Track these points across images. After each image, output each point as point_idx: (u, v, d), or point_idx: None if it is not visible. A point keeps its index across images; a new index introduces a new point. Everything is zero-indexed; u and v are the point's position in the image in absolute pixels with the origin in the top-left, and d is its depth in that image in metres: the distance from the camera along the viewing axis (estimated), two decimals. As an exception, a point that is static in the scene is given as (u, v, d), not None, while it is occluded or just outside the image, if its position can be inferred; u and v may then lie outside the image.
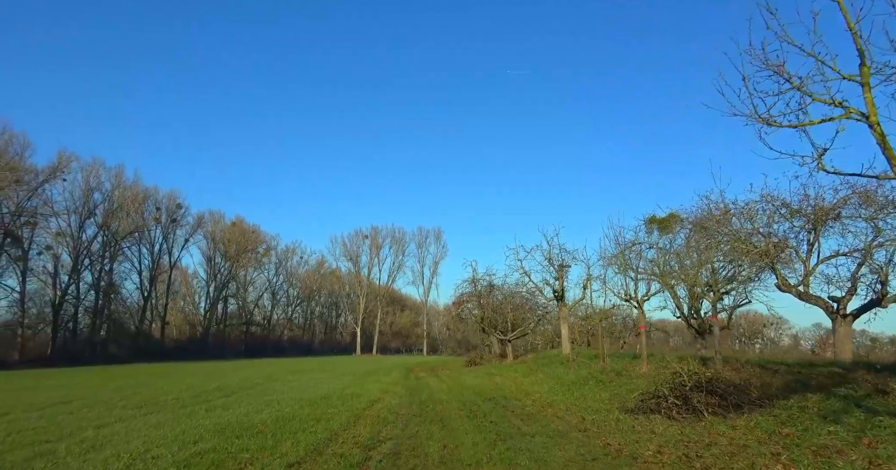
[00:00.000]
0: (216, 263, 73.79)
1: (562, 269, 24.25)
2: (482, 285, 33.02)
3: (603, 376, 15.18)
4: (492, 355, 33.05)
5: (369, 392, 16.53)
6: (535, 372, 20.46)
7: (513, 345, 29.61)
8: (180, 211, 68.55)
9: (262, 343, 79.05)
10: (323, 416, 10.64)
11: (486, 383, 18.61)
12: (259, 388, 20.15)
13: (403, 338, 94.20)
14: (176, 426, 9.51)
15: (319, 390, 17.84)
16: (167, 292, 69.84)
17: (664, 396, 8.72)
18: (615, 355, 21.09)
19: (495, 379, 20.07)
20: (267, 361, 51.22)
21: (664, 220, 21.50)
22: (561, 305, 24.61)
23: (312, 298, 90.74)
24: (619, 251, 21.29)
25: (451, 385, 18.83)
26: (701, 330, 20.32)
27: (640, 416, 8.73)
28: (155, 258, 67.25)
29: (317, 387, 19.80)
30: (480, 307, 32.00)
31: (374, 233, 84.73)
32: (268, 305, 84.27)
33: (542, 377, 18.57)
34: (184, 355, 63.45)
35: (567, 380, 16.16)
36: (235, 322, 78.95)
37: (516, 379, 19.20)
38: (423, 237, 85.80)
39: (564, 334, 24.24)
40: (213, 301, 73.26)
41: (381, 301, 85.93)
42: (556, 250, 24.24)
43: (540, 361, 23.73)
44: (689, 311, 21.09)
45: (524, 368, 22.58)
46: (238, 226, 73.12)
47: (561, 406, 11.12)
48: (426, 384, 19.94)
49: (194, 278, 79.94)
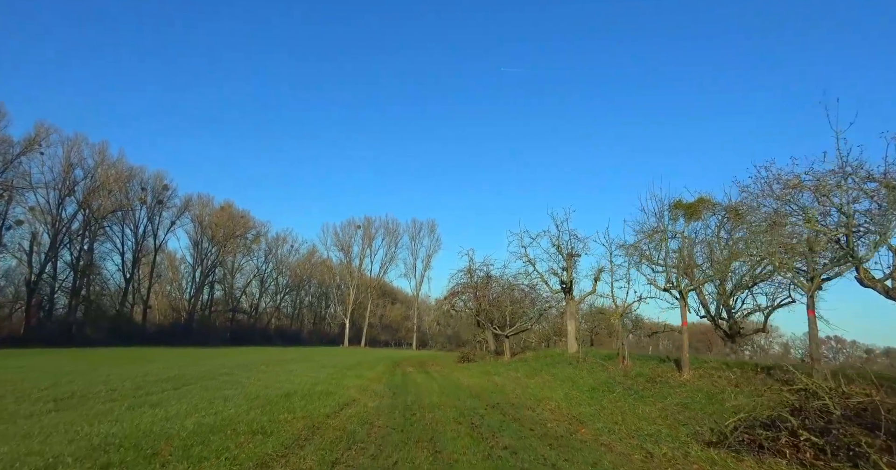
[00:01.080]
0: (203, 248, 70.29)
1: (571, 258, 21.22)
2: (479, 276, 29.97)
3: (630, 382, 12.17)
4: (486, 352, 30.01)
5: (345, 390, 13.45)
6: (539, 372, 17.45)
7: (510, 341, 26.57)
8: (167, 192, 64.98)
9: (248, 331, 75.68)
10: (268, 426, 7.58)
11: (484, 384, 15.58)
12: (221, 379, 17.09)
13: (393, 331, 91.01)
14: (33, 440, 6.37)
15: (288, 385, 14.77)
16: (150, 275, 66.27)
17: (788, 428, 5.61)
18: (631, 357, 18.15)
19: (494, 379, 17.04)
20: (249, 350, 48.05)
21: (692, 205, 18.52)
22: (568, 298, 21.60)
23: (302, 288, 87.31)
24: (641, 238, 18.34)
25: (443, 384, 15.78)
26: (731, 332, 17.37)
27: (744, 454, 5.64)
28: (139, 240, 63.69)
29: (288, 380, 16.73)
30: (476, 299, 28.93)
31: (367, 223, 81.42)
32: (256, 293, 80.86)
33: (548, 379, 15.57)
34: (165, 341, 60.14)
35: (584, 384, 13.14)
36: (221, 309, 75.47)
37: (519, 380, 16.16)
38: (417, 230, 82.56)
39: (571, 331, 21.23)
40: (199, 286, 69.79)
41: (372, 293, 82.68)
42: (565, 237, 21.21)
43: (542, 360, 20.72)
44: (718, 310, 18.14)
45: (526, 367, 19.56)
46: (226, 210, 69.60)
47: (597, 424, 8.08)
48: (414, 382, 16.88)
49: (182, 264, 76.43)
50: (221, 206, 69.97)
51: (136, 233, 63.57)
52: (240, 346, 61.09)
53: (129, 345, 50.80)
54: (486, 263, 29.74)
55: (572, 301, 21.50)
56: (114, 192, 59.35)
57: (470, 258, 30.03)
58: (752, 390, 8.90)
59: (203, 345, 59.33)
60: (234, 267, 76.87)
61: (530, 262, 22.36)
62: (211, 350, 45.58)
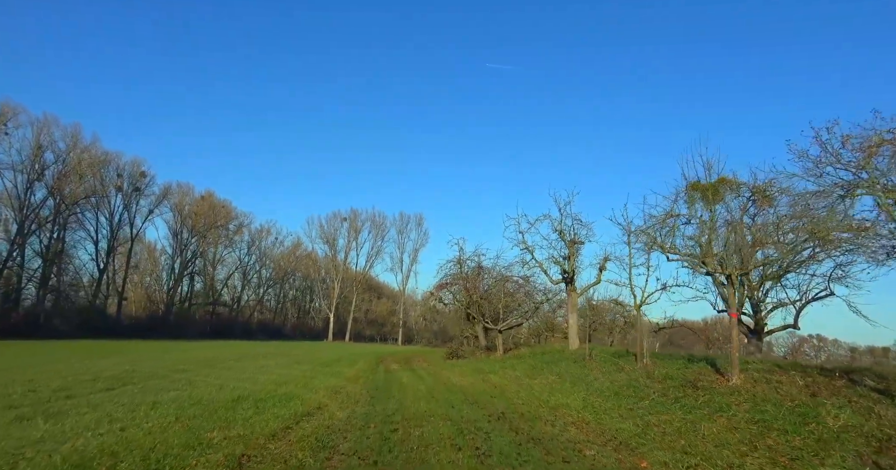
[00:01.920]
0: (182, 238, 66.90)
1: (573, 245, 18.83)
2: (469, 266, 27.49)
3: (660, 387, 9.78)
4: (475, 348, 27.58)
5: (313, 393, 10.89)
6: (540, 371, 15.03)
7: (503, 337, 24.16)
8: (144, 179, 61.51)
9: (229, 325, 72.42)
10: (174, 456, 4.99)
11: (480, 385, 13.11)
12: (173, 378, 14.45)
13: (379, 326, 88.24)
14: None
15: (247, 385, 12.19)
16: (126, 266, 62.74)
17: None
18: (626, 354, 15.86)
19: (491, 379, 14.58)
20: (226, 344, 45.15)
21: (711, 186, 16.23)
22: (569, 289, 19.20)
23: (286, 281, 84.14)
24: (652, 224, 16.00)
25: (432, 386, 13.28)
26: (757, 328, 15.15)
27: None
28: (114, 228, 60.12)
29: (250, 379, 14.13)
30: (466, 291, 26.46)
31: (353, 216, 78.46)
32: (238, 286, 77.57)
33: (554, 380, 13.16)
34: (141, 334, 56.93)
35: (602, 388, 10.74)
36: (201, 302, 72.11)
37: (520, 381, 13.72)
38: (404, 223, 79.78)
39: (572, 325, 18.86)
40: (178, 277, 66.41)
41: (357, 287, 79.87)
42: (568, 222, 18.80)
43: (541, 357, 18.31)
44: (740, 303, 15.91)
45: (523, 365, 17.13)
46: (207, 200, 66.24)
47: (656, 453, 5.60)
48: (398, 383, 14.35)
49: (163, 255, 72.81)
50: (202, 196, 66.65)
51: (111, 221, 60.01)
52: (219, 339, 58.09)
53: (100, 338, 47.70)
54: (478, 252, 27.27)
55: (574, 293, 19.11)
56: (87, 177, 55.87)
57: (460, 248, 27.56)
58: (849, 403, 6.58)
59: (180, 338, 56.21)
60: (216, 258, 73.56)
61: (528, 249, 19.96)
62: (185, 344, 42.58)
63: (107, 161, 58.05)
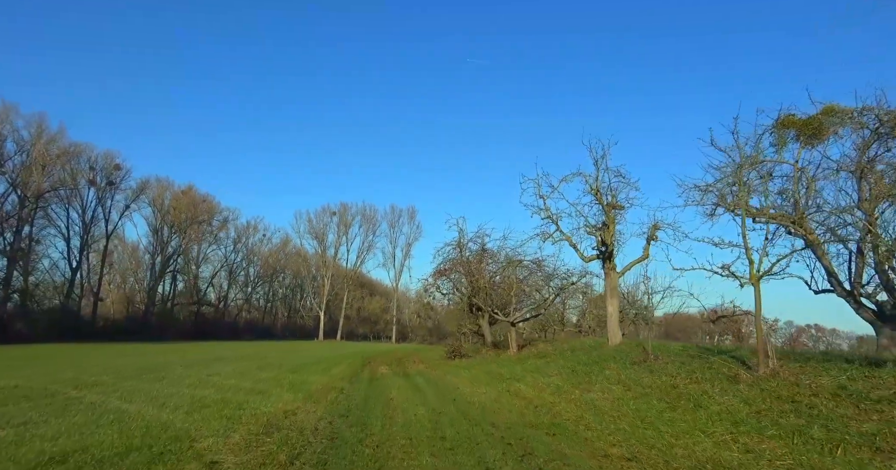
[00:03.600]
0: (163, 235, 61.42)
1: (612, 211, 14.09)
2: (471, 250, 22.70)
3: (837, 410, 5.01)
4: (480, 345, 22.79)
5: (234, 426, 6.03)
6: (588, 377, 10.25)
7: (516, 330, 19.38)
8: (119, 173, 55.99)
9: (214, 325, 67.02)
10: None
11: (509, 402, 8.32)
12: (56, 399, 9.54)
13: (372, 324, 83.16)
14: None
15: (152, 411, 7.35)
16: (102, 264, 57.16)
17: None
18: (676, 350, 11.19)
19: (519, 390, 9.78)
20: (200, 345, 40.03)
21: (809, 122, 11.54)
22: (608, 267, 14.45)
23: (275, 279, 78.81)
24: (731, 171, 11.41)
25: (436, 405, 8.46)
26: (889, 314, 10.51)
27: None
28: (87, 224, 54.52)
29: (166, 399, 9.21)
30: (469, 278, 21.67)
31: (342, 210, 73.27)
32: (224, 285, 72.16)
33: (621, 393, 8.39)
34: (116, 336, 51.66)
35: (733, 411, 5.98)
36: (185, 301, 66.60)
37: (569, 394, 8.92)
38: (396, 216, 74.72)
39: (612, 314, 14.12)
40: (157, 276, 60.92)
41: (349, 284, 74.77)
42: (605, 180, 14.03)
43: (575, 357, 13.54)
44: (853, 278, 11.25)
45: (555, 367, 12.36)
46: (188, 194, 60.83)
47: None
48: (384, 399, 9.50)
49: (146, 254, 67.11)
50: (182, 190, 61.17)
51: (83, 217, 54.38)
52: (202, 341, 52.83)
53: (70, 341, 42.46)
54: (481, 233, 22.48)
55: (613, 272, 14.37)
56: (54, 169, 50.35)
57: (460, 229, 22.75)
58: None
59: (161, 340, 50.84)
60: (200, 256, 68.10)
61: (551, 218, 15.17)
62: (152, 346, 37.32)
63: (76, 153, 52.52)
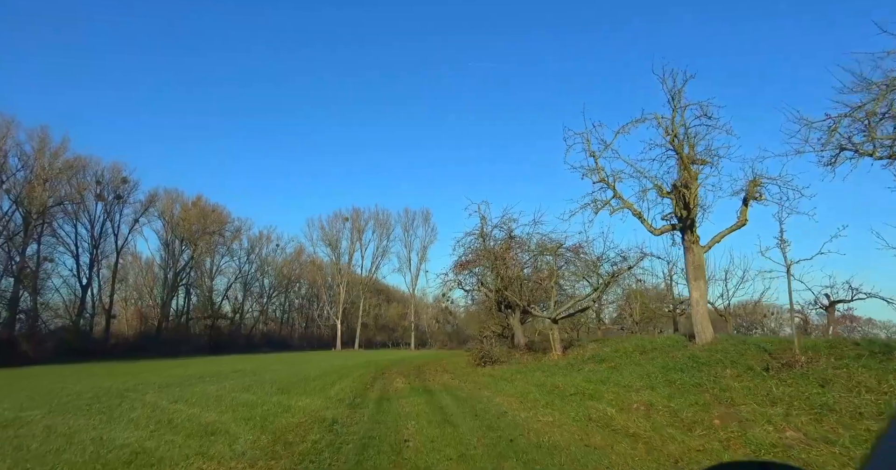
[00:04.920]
0: (174, 248, 58.76)
1: (692, 166, 10.29)
2: (497, 239, 19.00)
3: None
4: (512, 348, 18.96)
5: None
6: (712, 396, 6.41)
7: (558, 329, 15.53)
8: (127, 186, 53.53)
9: (230, 339, 63.99)
10: None
11: (608, 444, 4.50)
12: None
13: (389, 331, 79.53)
14: None
15: None
16: (113, 280, 54.56)
17: None
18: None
19: (606, 415, 6.03)
20: (206, 361, 36.80)
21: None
22: (688, 240, 10.63)
23: (290, 289, 75.75)
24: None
25: (485, 451, 4.70)
26: None
27: None
28: (96, 240, 52.01)
29: (53, 452, 5.69)
30: (497, 269, 17.93)
31: (355, 215, 70.09)
32: (239, 297, 69.19)
33: (818, 428, 4.59)
34: (130, 353, 48.83)
35: None
36: (199, 315, 63.75)
37: (701, 424, 5.06)
38: (410, 219, 71.22)
39: (697, 301, 10.28)
40: (170, 290, 58.15)
41: (365, 291, 71.35)
42: (682, 120, 10.20)
43: (651, 362, 9.72)
44: None
45: (632, 376, 8.60)
46: (197, 205, 58.16)
47: None
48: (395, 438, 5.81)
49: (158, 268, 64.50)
50: (192, 202, 58.54)
51: (91, 232, 51.90)
52: (217, 355, 49.74)
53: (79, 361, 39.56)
54: (507, 218, 18.71)
55: (696, 246, 10.55)
56: (60, 183, 48.01)
57: (482, 216, 19.04)
58: None
59: (175, 356, 47.84)
60: (214, 269, 65.30)
61: (605, 181, 11.43)
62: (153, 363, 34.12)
63: (81, 166, 50.13)
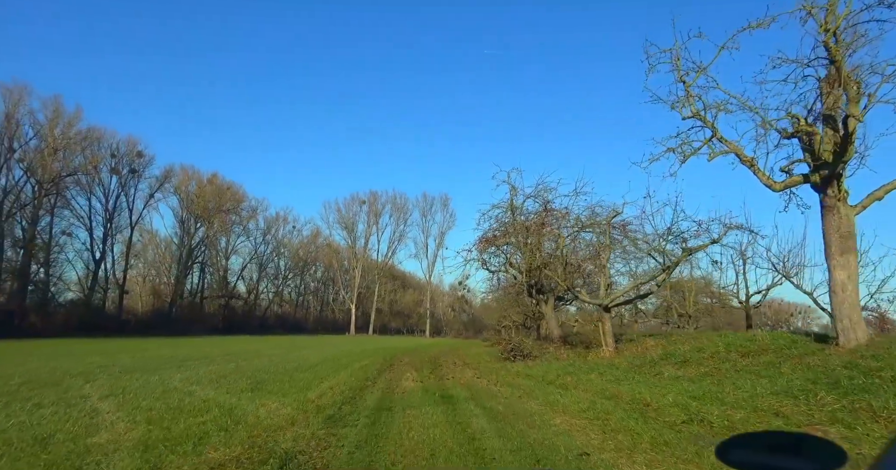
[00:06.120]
0: (188, 225, 56.74)
1: (853, 85, 6.79)
2: (529, 211, 15.69)
3: None
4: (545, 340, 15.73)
5: None
6: None
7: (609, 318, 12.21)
8: (142, 160, 51.41)
9: (243, 319, 62.06)
10: None
11: None
12: None
13: (405, 318, 76.92)
14: None
15: None
16: (126, 256, 52.74)
17: None
18: None
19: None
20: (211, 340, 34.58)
21: None
22: (831, 198, 7.16)
23: (306, 272, 73.54)
24: None
25: None
26: None
27: None
28: (110, 214, 50.13)
29: None
30: (529, 247, 14.64)
31: (372, 198, 67.15)
32: (254, 277, 67.16)
33: None
34: (142, 331, 47.15)
35: None
36: (213, 294, 61.89)
37: None
38: (428, 204, 67.94)
39: (844, 285, 6.90)
40: (183, 268, 56.23)
41: (380, 276, 68.68)
42: (848, 8, 6.70)
43: (770, 369, 6.32)
44: None
45: (765, 391, 5.19)
46: (213, 182, 55.88)
47: None
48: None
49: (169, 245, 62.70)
50: (208, 179, 56.29)
51: (106, 206, 50.00)
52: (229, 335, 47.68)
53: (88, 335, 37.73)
54: (543, 187, 15.29)
55: (843, 205, 7.14)
56: (74, 154, 46.04)
57: (512, 187, 15.68)
58: None
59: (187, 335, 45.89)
60: (229, 248, 63.25)
61: (699, 117, 7.95)
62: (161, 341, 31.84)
63: (97, 138, 48.07)
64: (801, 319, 57.32)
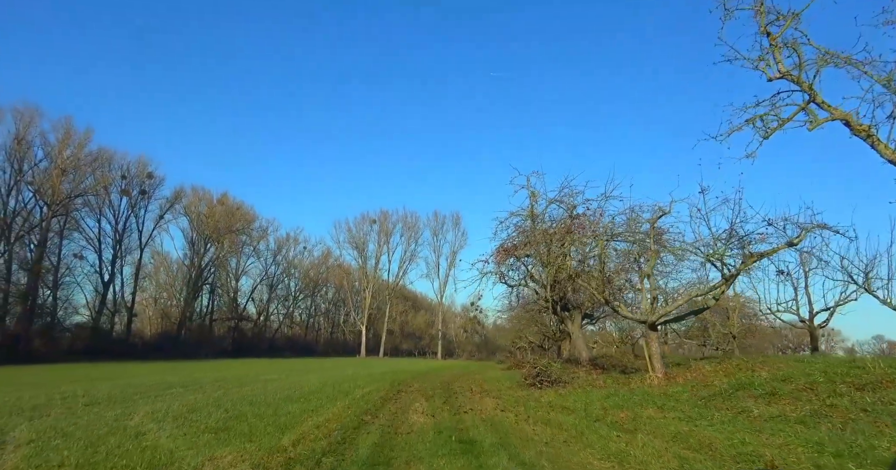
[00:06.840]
0: (198, 246, 55.60)
1: None
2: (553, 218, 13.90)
3: None
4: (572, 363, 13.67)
5: None
6: None
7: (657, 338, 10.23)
8: (152, 180, 50.74)
9: (253, 342, 60.20)
10: None
11: None
12: None
13: (416, 339, 74.42)
14: None
15: None
16: (136, 278, 51.56)
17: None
18: None
19: None
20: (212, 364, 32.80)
21: None
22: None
23: (317, 293, 71.78)
24: None
25: None
26: None
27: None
28: (119, 236, 49.20)
29: None
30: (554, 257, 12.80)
31: (382, 217, 65.70)
32: (264, 299, 65.52)
33: None
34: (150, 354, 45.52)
35: None
36: (222, 316, 60.27)
37: None
38: (440, 223, 66.26)
39: None
40: (192, 290, 54.82)
41: (391, 296, 66.63)
42: None
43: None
44: None
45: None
46: (223, 202, 54.97)
47: None
48: None
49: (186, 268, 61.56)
50: (218, 199, 55.41)
51: (115, 227, 49.13)
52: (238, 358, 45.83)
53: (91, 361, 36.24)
54: (568, 191, 13.53)
55: None
56: (84, 175, 45.42)
57: (532, 192, 13.97)
58: None
59: (193, 358, 44.17)
60: (239, 269, 61.91)
61: (790, 77, 6.20)
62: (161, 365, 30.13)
63: (107, 159, 47.55)
64: (824, 343, 53.58)
